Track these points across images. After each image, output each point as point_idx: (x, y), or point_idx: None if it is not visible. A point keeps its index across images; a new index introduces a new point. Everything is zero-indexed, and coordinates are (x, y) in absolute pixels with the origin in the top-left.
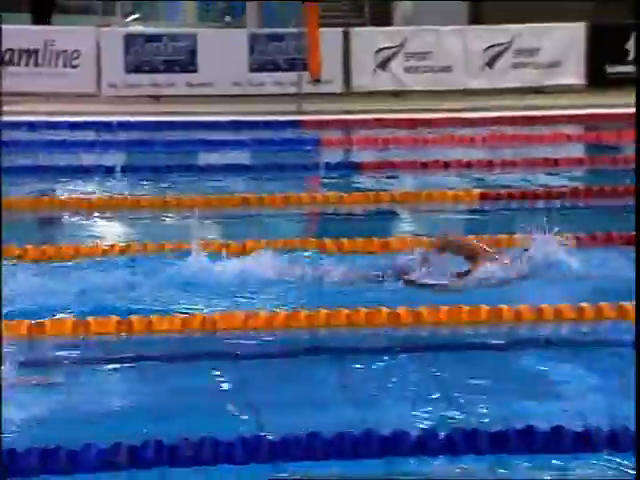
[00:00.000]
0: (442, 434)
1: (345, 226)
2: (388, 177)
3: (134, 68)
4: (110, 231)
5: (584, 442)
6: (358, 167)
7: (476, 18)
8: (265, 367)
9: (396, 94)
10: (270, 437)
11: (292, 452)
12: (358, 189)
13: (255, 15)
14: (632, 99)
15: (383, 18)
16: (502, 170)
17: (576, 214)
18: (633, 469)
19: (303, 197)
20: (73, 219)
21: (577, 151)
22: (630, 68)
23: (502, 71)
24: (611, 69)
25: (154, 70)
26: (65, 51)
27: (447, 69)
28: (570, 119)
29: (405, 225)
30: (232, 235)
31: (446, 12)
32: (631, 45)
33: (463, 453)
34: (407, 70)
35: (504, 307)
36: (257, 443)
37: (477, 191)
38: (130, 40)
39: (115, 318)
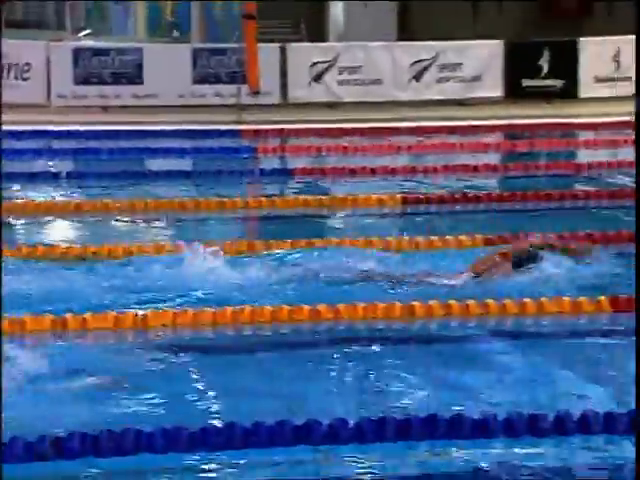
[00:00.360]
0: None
1: (277, 228)
2: (320, 183)
3: (83, 80)
4: (57, 234)
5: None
6: (292, 173)
7: (404, 35)
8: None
9: (330, 105)
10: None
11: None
12: (291, 193)
13: (200, 31)
14: (545, 111)
15: (318, 35)
16: (424, 176)
17: (491, 217)
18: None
19: (237, 201)
20: (18, 222)
21: (495, 159)
22: (543, 82)
23: (427, 84)
24: (527, 83)
25: (102, 82)
26: (17, 64)
27: (377, 82)
28: (489, 129)
29: (332, 227)
30: (171, 237)
31: (376, 29)
32: (544, 60)
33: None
34: (340, 83)
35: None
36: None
37: (399, 195)
38: (79, 54)
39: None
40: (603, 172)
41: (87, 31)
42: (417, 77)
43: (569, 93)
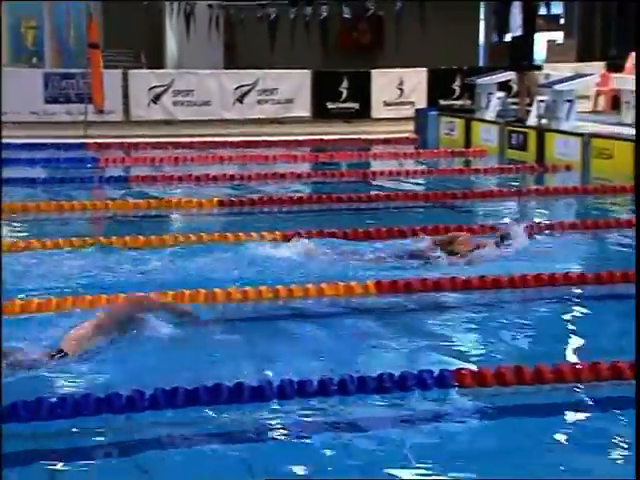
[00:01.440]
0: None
1: (116, 228)
2: (154, 188)
3: None
4: None
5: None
6: (129, 180)
7: (230, 64)
8: None
9: (167, 122)
10: None
11: None
12: (129, 198)
13: (54, 57)
14: (344, 128)
15: (157, 63)
16: (242, 182)
17: (300, 216)
18: None
19: (75, 205)
20: None
21: (302, 168)
22: (343, 105)
23: (249, 105)
24: (330, 105)
25: None
26: None
27: (207, 103)
28: (299, 143)
29: (163, 226)
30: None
31: (206, 59)
32: (344, 87)
33: None
34: (175, 104)
35: None
36: None
37: (216, 199)
38: None
39: None
40: (390, 178)
41: None
42: (240, 99)
43: (363, 114)
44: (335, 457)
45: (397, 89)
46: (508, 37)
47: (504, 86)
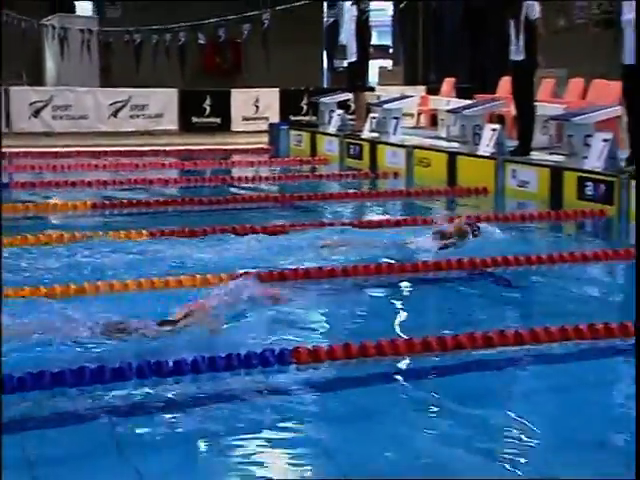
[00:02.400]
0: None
1: None
2: (32, 194)
3: None
4: None
5: None
6: (10, 186)
7: (105, 83)
8: None
9: (47, 134)
10: None
11: None
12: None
13: None
14: (208, 140)
15: (38, 81)
16: (114, 187)
17: (167, 216)
18: None
19: None
20: None
21: (171, 174)
22: (207, 119)
23: (123, 119)
24: (195, 120)
25: None
26: None
27: (84, 117)
28: (167, 153)
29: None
30: None
31: (83, 78)
32: (207, 104)
33: None
34: (54, 117)
35: None
36: None
37: (90, 202)
38: None
39: None
40: (247, 183)
41: None
42: (115, 114)
43: (224, 127)
44: (191, 430)
45: (253, 106)
46: (345, 63)
47: (343, 104)
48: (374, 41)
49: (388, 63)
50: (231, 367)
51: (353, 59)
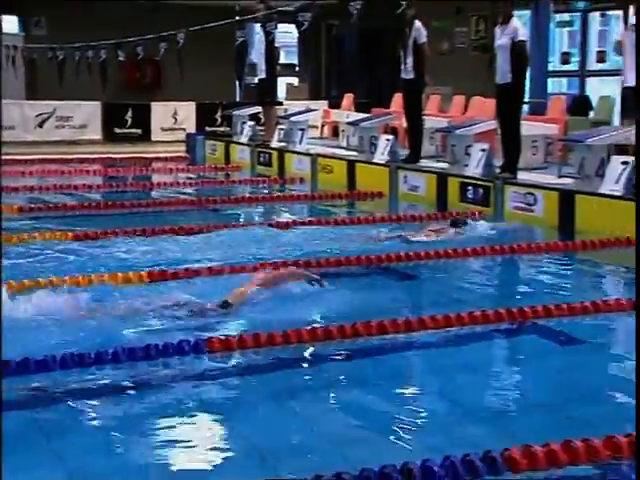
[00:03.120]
0: None
1: None
2: None
3: None
4: None
5: None
6: None
7: (31, 96)
8: None
9: None
10: None
11: None
12: None
13: None
14: (129, 149)
15: None
16: (40, 192)
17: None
18: None
19: None
20: None
21: (95, 180)
22: (129, 130)
23: (49, 130)
24: (118, 130)
25: None
26: None
27: (11, 127)
28: (92, 161)
29: None
30: None
31: (11, 91)
32: (129, 116)
33: None
34: None
35: None
36: None
37: (16, 206)
38: None
39: None
40: (166, 188)
41: None
42: (41, 124)
43: (145, 138)
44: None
45: (172, 118)
46: (256, 80)
47: (254, 117)
48: (282, 60)
49: (295, 80)
50: (149, 357)
51: (263, 76)
